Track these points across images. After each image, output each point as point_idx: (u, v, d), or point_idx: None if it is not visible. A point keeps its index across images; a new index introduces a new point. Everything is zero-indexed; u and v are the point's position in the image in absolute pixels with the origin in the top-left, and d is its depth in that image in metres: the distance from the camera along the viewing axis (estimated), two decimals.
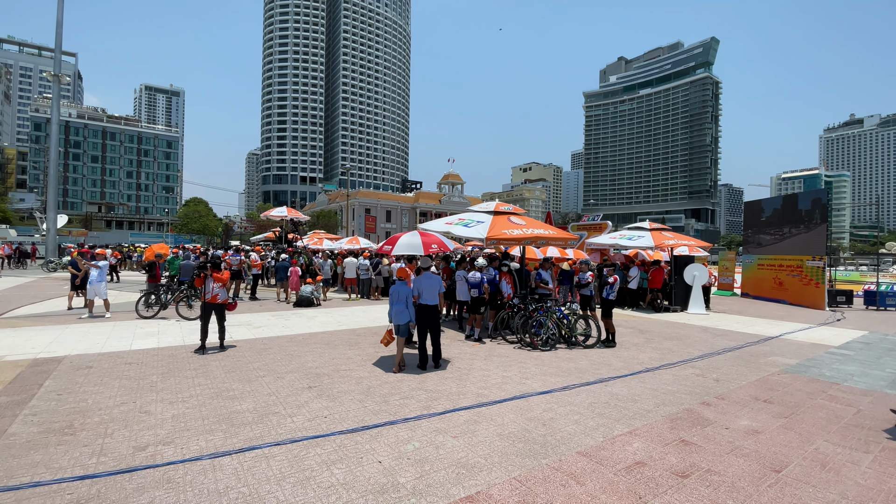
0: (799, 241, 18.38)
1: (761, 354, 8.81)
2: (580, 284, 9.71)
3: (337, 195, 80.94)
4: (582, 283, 9.65)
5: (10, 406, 4.93)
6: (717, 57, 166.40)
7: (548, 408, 5.34)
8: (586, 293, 9.60)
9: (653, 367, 7.53)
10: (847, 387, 6.65)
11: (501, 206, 11.27)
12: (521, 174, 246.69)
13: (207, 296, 7.86)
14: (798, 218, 18.66)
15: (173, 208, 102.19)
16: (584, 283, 9.62)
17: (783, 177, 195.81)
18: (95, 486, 3.36)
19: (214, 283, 7.88)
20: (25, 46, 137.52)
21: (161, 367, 6.72)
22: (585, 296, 9.60)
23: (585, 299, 9.61)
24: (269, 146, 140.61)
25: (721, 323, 12.83)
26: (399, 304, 6.90)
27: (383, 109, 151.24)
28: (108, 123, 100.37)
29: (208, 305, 7.86)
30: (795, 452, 4.32)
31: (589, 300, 9.57)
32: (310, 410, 5.03)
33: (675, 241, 15.11)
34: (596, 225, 22.60)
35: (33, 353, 7.30)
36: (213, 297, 7.85)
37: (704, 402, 5.72)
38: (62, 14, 29.90)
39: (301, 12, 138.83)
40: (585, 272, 9.75)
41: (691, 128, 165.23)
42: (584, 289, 9.61)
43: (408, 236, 8.67)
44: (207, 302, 7.84)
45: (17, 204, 70.12)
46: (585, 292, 9.60)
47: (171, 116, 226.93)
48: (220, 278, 7.93)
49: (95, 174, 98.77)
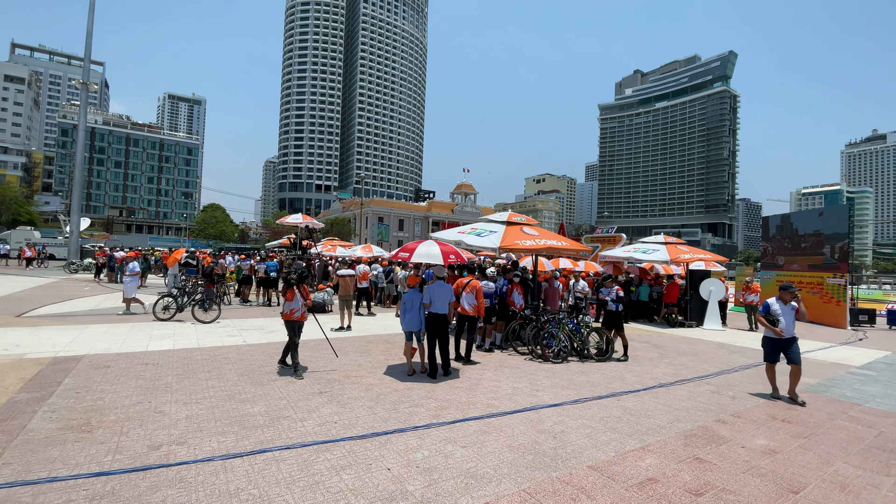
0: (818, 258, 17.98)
1: (780, 373, 8.55)
2: (601, 301, 9.43)
3: (351, 203, 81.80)
4: (604, 298, 9.24)
5: (30, 402, 5.06)
6: (734, 70, 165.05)
7: (558, 420, 5.28)
8: (612, 308, 9.14)
9: (667, 382, 7.41)
10: (868, 408, 6.45)
11: (514, 217, 11.28)
12: (534, 185, 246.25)
13: (297, 313, 6.90)
14: (817, 235, 18.27)
15: (191, 214, 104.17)
16: (607, 298, 9.18)
17: (803, 192, 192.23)
18: (110, 482, 3.41)
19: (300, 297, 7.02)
20: (55, 55, 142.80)
21: (176, 368, 6.82)
22: (611, 311, 9.13)
23: (610, 316, 9.16)
24: (285, 154, 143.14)
25: (738, 339, 12.57)
26: (412, 312, 6.93)
27: (398, 119, 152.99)
28: (131, 130, 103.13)
29: (296, 324, 6.90)
30: (814, 474, 4.20)
31: (614, 317, 9.08)
32: (320, 415, 5.06)
33: (691, 256, 14.91)
34: (610, 237, 22.45)
35: (54, 352, 7.48)
36: (302, 314, 6.97)
37: (720, 420, 5.60)
38: (92, 25, 31.03)
39: (321, 25, 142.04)
40: (611, 287, 9.28)
41: (708, 141, 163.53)
42: (611, 305, 9.15)
43: (426, 245, 8.52)
44: (296, 320, 6.89)
45: (42, 207, 72.32)
46: (611, 308, 9.14)
47: (193, 124, 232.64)
48: (305, 293, 7.13)
49: (118, 179, 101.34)
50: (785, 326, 6.50)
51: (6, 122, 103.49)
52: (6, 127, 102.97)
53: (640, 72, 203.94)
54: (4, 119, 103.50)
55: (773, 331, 6.56)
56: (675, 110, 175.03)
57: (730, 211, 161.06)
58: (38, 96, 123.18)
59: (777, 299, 6.70)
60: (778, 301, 6.67)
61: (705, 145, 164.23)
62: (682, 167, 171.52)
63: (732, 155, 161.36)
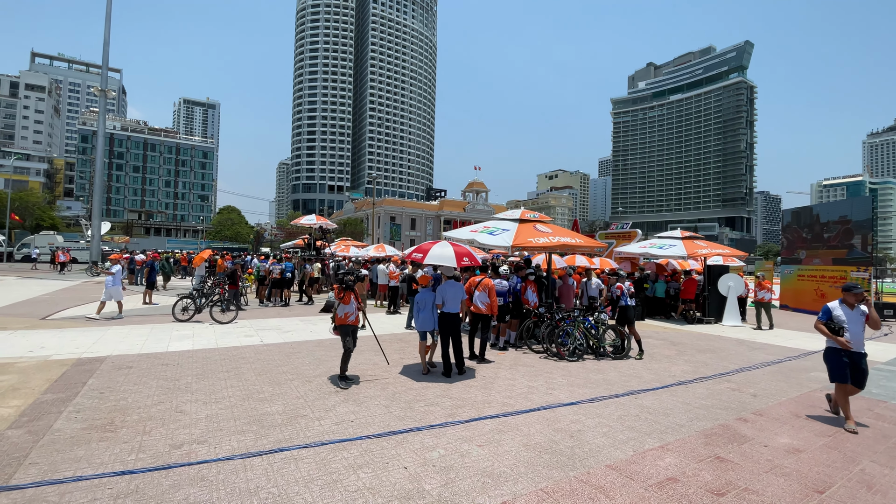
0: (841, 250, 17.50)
1: (802, 370, 8.40)
2: (612, 300, 9.41)
3: (363, 203, 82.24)
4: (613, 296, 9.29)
5: (55, 403, 5.19)
6: (751, 61, 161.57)
7: (575, 419, 5.24)
8: (622, 304, 9.18)
9: (685, 380, 7.29)
10: (895, 405, 6.27)
11: (527, 214, 11.20)
12: (546, 182, 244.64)
13: (351, 317, 6.42)
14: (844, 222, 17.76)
15: (208, 216, 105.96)
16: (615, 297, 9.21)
17: (824, 184, 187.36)
18: (134, 481, 3.49)
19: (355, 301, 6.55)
20: (74, 63, 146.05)
21: (195, 368, 6.94)
22: (622, 307, 9.17)
23: (621, 312, 9.19)
24: (298, 156, 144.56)
25: (758, 336, 12.32)
26: (426, 312, 6.94)
27: (409, 119, 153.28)
28: (148, 135, 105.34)
29: (350, 328, 6.44)
30: (839, 473, 4.09)
31: (626, 312, 9.12)
32: (337, 414, 5.10)
33: (709, 251, 14.63)
34: (625, 233, 22.17)
35: (78, 353, 7.67)
36: (356, 318, 6.52)
37: (741, 418, 5.49)
38: (109, 33, 31.66)
39: (331, 26, 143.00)
40: (613, 284, 9.40)
41: (725, 134, 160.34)
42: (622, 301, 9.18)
43: (439, 247, 8.46)
44: (351, 324, 6.43)
45: (63, 212, 74.27)
46: (622, 302, 9.18)
47: (208, 128, 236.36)
48: (357, 296, 6.67)
49: (136, 183, 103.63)
50: (853, 337, 5.31)
51: (28, 130, 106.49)
52: (28, 134, 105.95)
53: (653, 64, 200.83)
54: (26, 127, 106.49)
55: (838, 342, 5.37)
56: (689, 103, 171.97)
57: (748, 204, 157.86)
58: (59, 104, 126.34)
59: (840, 303, 5.59)
60: (842, 305, 5.54)
61: (721, 138, 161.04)
62: (697, 160, 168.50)
63: (750, 147, 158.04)
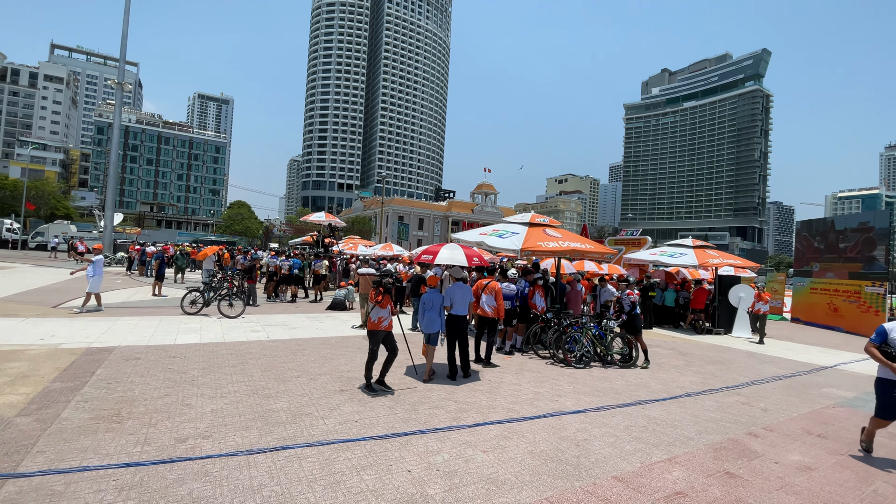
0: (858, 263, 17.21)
1: (814, 385, 8.25)
2: (621, 307, 9.22)
3: (372, 202, 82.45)
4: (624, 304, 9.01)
5: (64, 392, 5.23)
6: (768, 69, 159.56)
7: (581, 428, 5.17)
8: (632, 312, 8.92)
9: (694, 391, 7.19)
10: None
11: (537, 218, 11.14)
12: (556, 185, 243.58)
13: (385, 322, 6.00)
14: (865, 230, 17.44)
15: (218, 210, 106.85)
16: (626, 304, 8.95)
17: (839, 196, 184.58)
18: (139, 473, 3.49)
19: None
20: (92, 55, 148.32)
21: (202, 362, 6.97)
22: (631, 315, 8.89)
23: (630, 319, 8.91)
24: (309, 153, 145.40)
25: (769, 349, 12.13)
26: (432, 312, 6.89)
27: (420, 119, 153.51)
28: (163, 129, 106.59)
29: (381, 334, 6.04)
30: (852, 493, 3.99)
31: (634, 320, 8.87)
32: (341, 413, 5.08)
33: (721, 261, 14.44)
34: (635, 240, 21.94)
35: (87, 343, 7.74)
36: (390, 323, 6.08)
37: (751, 433, 5.39)
38: (127, 27, 32.06)
39: (345, 25, 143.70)
40: (624, 290, 9.17)
41: (738, 142, 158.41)
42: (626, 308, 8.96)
43: (449, 249, 8.39)
44: (383, 329, 6.02)
45: (78, 202, 75.32)
46: (632, 310, 8.93)
47: (221, 123, 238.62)
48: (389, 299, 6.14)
49: (150, 176, 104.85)
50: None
51: (45, 121, 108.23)
52: (45, 125, 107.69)
53: (667, 70, 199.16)
54: (44, 117, 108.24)
55: (893, 369, 4.59)
56: (703, 110, 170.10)
57: (760, 214, 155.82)
58: (76, 95, 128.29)
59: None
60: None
61: (735, 146, 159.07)
62: (710, 168, 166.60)
63: (764, 156, 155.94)
